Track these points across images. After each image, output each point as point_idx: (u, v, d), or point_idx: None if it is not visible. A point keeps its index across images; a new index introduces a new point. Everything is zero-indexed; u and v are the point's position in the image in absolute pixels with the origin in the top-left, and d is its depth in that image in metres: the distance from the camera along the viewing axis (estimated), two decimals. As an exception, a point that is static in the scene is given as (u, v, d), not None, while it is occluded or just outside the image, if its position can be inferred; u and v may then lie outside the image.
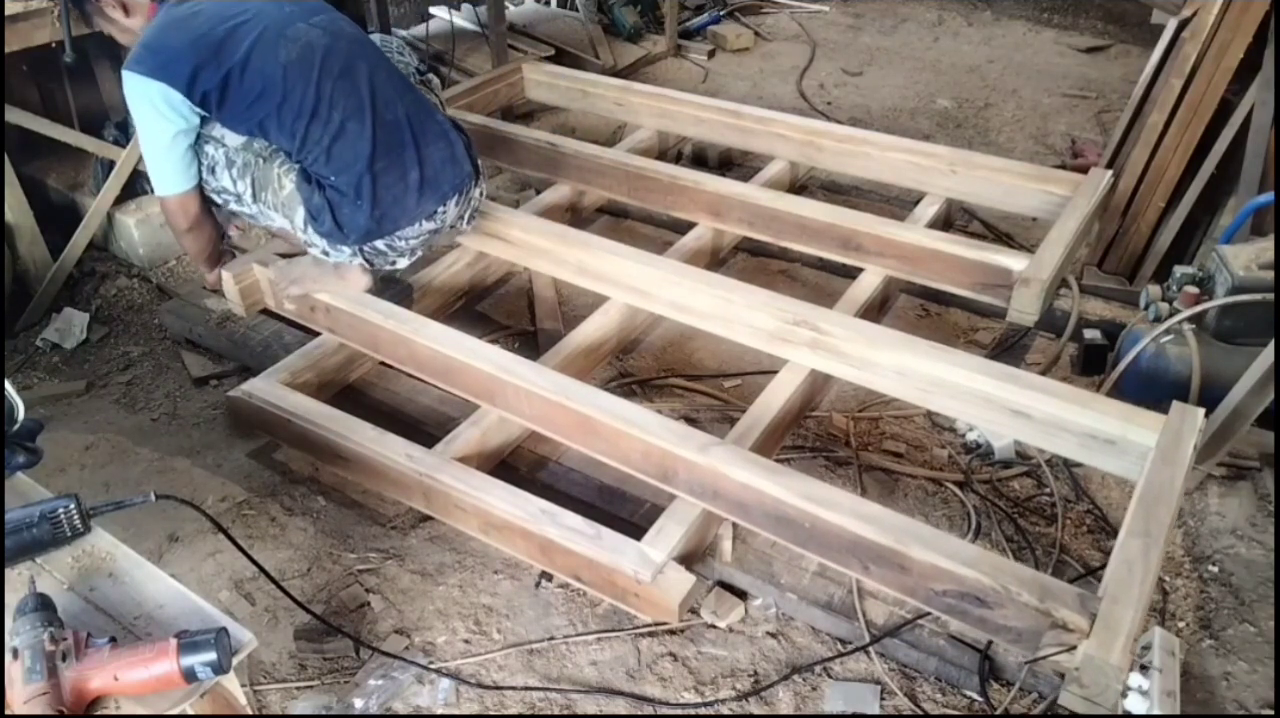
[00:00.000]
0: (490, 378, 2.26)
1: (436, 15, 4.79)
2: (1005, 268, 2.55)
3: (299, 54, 2.20)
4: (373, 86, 2.28)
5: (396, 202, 2.31)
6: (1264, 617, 2.02)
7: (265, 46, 2.18)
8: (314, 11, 2.32)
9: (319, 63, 2.22)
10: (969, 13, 5.77)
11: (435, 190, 2.37)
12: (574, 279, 2.70)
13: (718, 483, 1.97)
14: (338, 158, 2.24)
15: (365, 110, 2.25)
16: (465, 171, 2.44)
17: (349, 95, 2.24)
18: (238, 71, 2.16)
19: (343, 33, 2.31)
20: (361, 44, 2.35)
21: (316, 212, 2.29)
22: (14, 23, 2.70)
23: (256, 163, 2.29)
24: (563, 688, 1.91)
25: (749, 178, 3.25)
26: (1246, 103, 2.70)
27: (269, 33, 2.19)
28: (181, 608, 1.33)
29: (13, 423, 1.50)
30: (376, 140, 2.25)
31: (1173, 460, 1.86)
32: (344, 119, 2.23)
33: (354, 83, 2.25)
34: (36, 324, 3.01)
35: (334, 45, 2.26)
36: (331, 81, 2.22)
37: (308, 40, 2.23)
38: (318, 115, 2.21)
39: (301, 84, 2.19)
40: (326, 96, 2.21)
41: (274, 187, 2.30)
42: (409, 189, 2.32)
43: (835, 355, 2.30)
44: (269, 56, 2.18)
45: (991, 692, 1.85)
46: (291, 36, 2.22)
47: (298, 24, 2.24)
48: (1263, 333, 2.23)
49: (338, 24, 2.33)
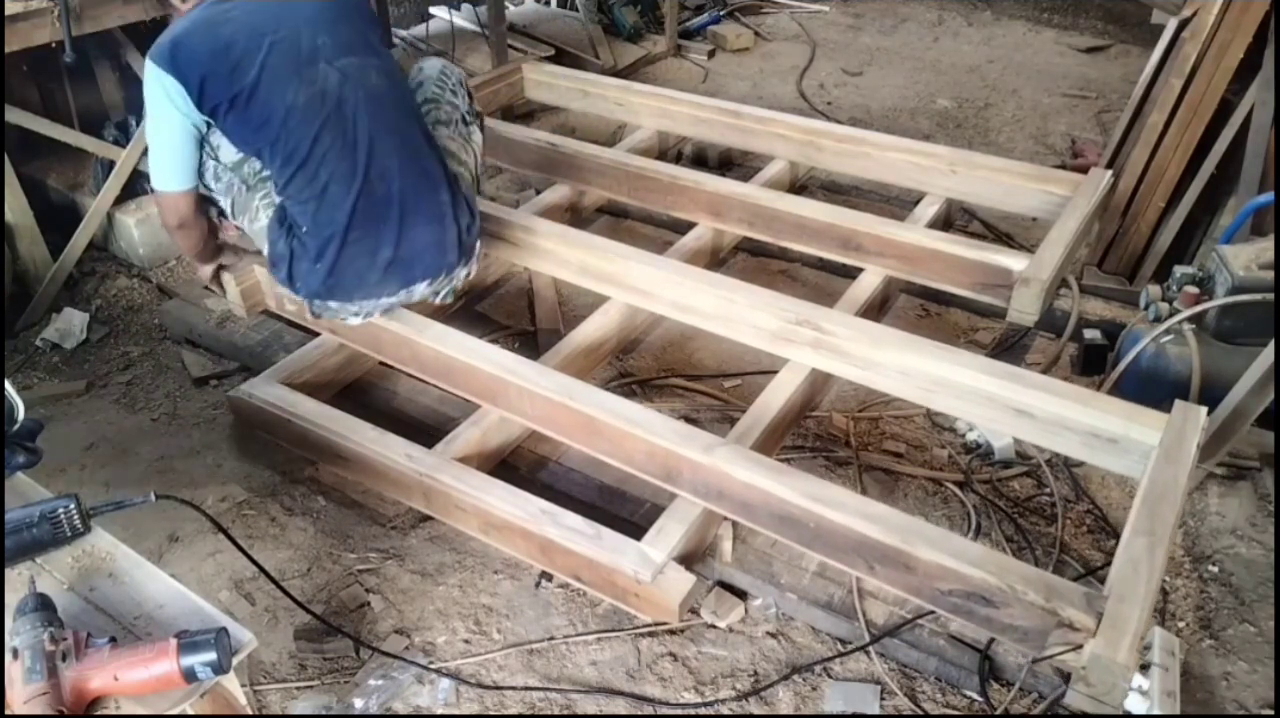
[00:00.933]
0: (492, 378, 2.25)
1: (436, 15, 4.79)
2: (1005, 268, 2.55)
3: (307, 99, 2.10)
4: (372, 154, 2.16)
5: (357, 275, 2.22)
6: (1264, 617, 2.02)
7: (279, 79, 2.08)
8: (348, 49, 2.17)
9: (324, 116, 2.11)
10: (969, 13, 5.77)
11: (404, 272, 2.26)
12: (576, 279, 2.70)
13: (722, 483, 1.97)
14: (312, 216, 2.16)
15: (355, 178, 2.14)
16: (447, 260, 2.31)
17: (342, 158, 2.13)
18: (245, 96, 2.08)
19: (366, 83, 2.17)
20: (381, 101, 2.20)
21: (277, 259, 2.24)
22: (14, 23, 2.70)
23: (240, 188, 2.25)
24: (563, 688, 1.91)
25: (749, 178, 3.25)
26: (1246, 103, 2.70)
27: (287, 65, 2.09)
28: (181, 608, 1.33)
29: (13, 423, 1.50)
30: (356, 210, 2.15)
31: (1176, 459, 1.86)
32: (329, 181, 2.13)
33: (353, 146, 2.14)
34: (36, 324, 3.00)
35: (348, 98, 2.13)
36: (330, 138, 2.12)
37: (323, 87, 2.11)
38: (305, 169, 2.12)
39: (299, 132, 2.10)
40: (320, 154, 2.11)
41: (250, 214, 2.27)
42: (374, 266, 2.21)
43: (838, 355, 2.30)
44: (278, 91, 2.08)
45: (991, 692, 1.85)
46: (308, 77, 2.10)
47: (321, 64, 2.12)
48: (1263, 333, 2.23)
49: (366, 71, 2.18)
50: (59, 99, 3.28)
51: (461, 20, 4.71)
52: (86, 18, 2.82)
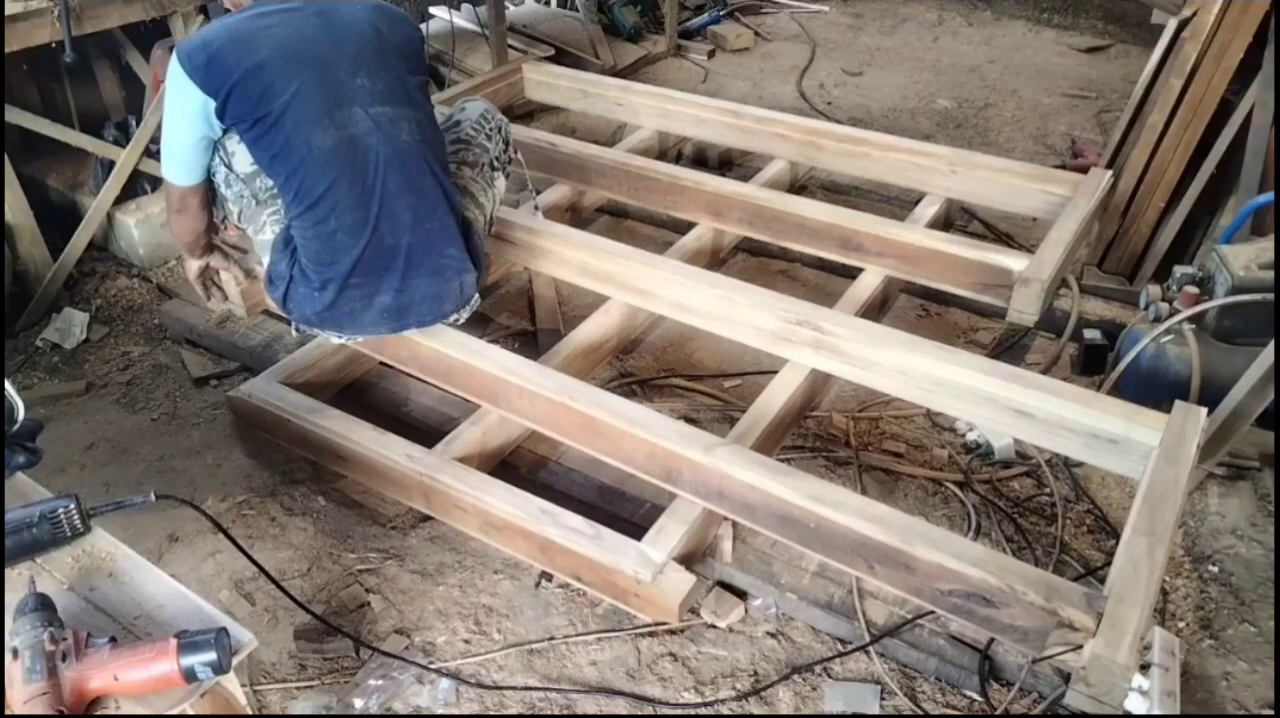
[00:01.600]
0: (493, 379, 2.25)
1: (436, 15, 4.79)
2: (1005, 268, 2.55)
3: (332, 144, 2.05)
4: (384, 207, 2.12)
5: (352, 314, 2.22)
6: (1264, 617, 2.02)
7: (307, 116, 2.03)
8: (385, 97, 2.11)
9: (343, 164, 2.07)
10: (969, 13, 5.77)
11: (399, 319, 2.26)
12: (576, 279, 2.70)
13: (723, 484, 1.97)
14: (316, 255, 2.15)
15: (364, 230, 2.12)
16: (443, 310, 2.30)
17: (354, 209, 2.10)
18: (269, 122, 2.03)
19: (396, 138, 2.12)
20: (406, 157, 2.14)
21: (276, 279, 2.23)
22: (14, 23, 2.70)
23: (250, 200, 2.21)
24: (563, 688, 1.91)
25: (749, 178, 3.25)
26: (1246, 103, 2.70)
27: (319, 102, 2.03)
28: (181, 608, 1.33)
29: (13, 423, 1.50)
30: (361, 259, 2.14)
31: (1176, 459, 1.86)
32: (337, 229, 2.11)
33: (368, 199, 2.10)
34: (36, 324, 3.01)
35: (373, 149, 2.09)
36: (345, 188, 2.08)
37: (352, 135, 2.06)
38: (315, 210, 2.09)
39: (316, 175, 2.06)
40: (332, 201, 2.08)
41: (256, 225, 2.25)
42: (370, 308, 2.21)
43: (838, 355, 2.30)
44: (304, 127, 2.03)
45: (991, 692, 1.85)
46: (339, 121, 2.05)
47: (355, 108, 2.06)
48: (1263, 333, 2.23)
49: (398, 124, 2.12)
50: (59, 99, 3.28)
51: (461, 20, 4.71)
52: (86, 18, 2.82)
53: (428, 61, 2.27)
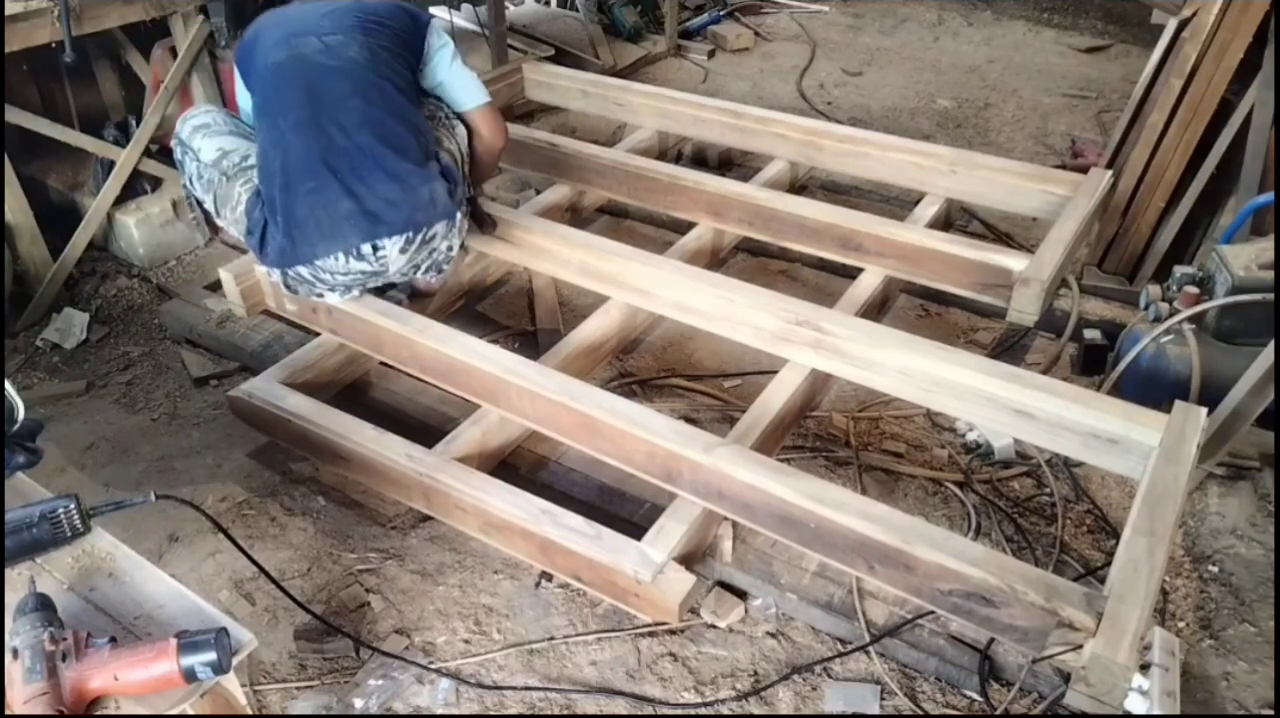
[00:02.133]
0: (493, 379, 2.25)
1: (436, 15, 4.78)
2: (1005, 268, 2.55)
3: (284, 59, 2.30)
4: (333, 110, 2.25)
5: (316, 226, 2.22)
6: (1264, 617, 2.02)
7: (271, 45, 2.33)
8: (337, 29, 2.33)
9: (294, 73, 2.29)
10: (969, 13, 5.77)
11: (368, 225, 2.22)
12: (576, 280, 2.70)
13: (722, 484, 1.97)
14: (268, 164, 2.27)
15: (311, 127, 2.23)
16: (414, 219, 2.27)
17: (302, 108, 2.25)
18: (250, 62, 2.37)
19: (344, 53, 2.30)
20: (354, 69, 2.29)
21: (253, 227, 2.30)
22: (14, 23, 2.70)
23: (221, 180, 2.37)
24: (563, 688, 1.91)
25: (749, 178, 3.25)
26: (1246, 103, 2.70)
27: (280, 36, 2.34)
28: (181, 608, 1.33)
29: (13, 423, 1.50)
30: (309, 158, 2.21)
31: (1176, 459, 1.86)
32: (287, 130, 2.25)
33: (315, 100, 2.26)
34: (36, 324, 3.01)
35: (320, 63, 2.29)
36: (294, 92, 2.27)
37: (301, 52, 2.30)
38: (268, 117, 2.29)
39: (271, 83, 2.31)
40: (281, 103, 2.28)
41: (232, 204, 2.36)
42: (334, 217, 2.21)
43: (838, 355, 2.30)
44: (268, 54, 2.32)
45: (991, 692, 1.85)
46: (293, 45, 2.31)
47: (310, 36, 2.31)
48: (1263, 333, 2.23)
49: (347, 45, 2.31)
50: (59, 99, 3.28)
51: (461, 20, 4.71)
52: (86, 18, 2.82)
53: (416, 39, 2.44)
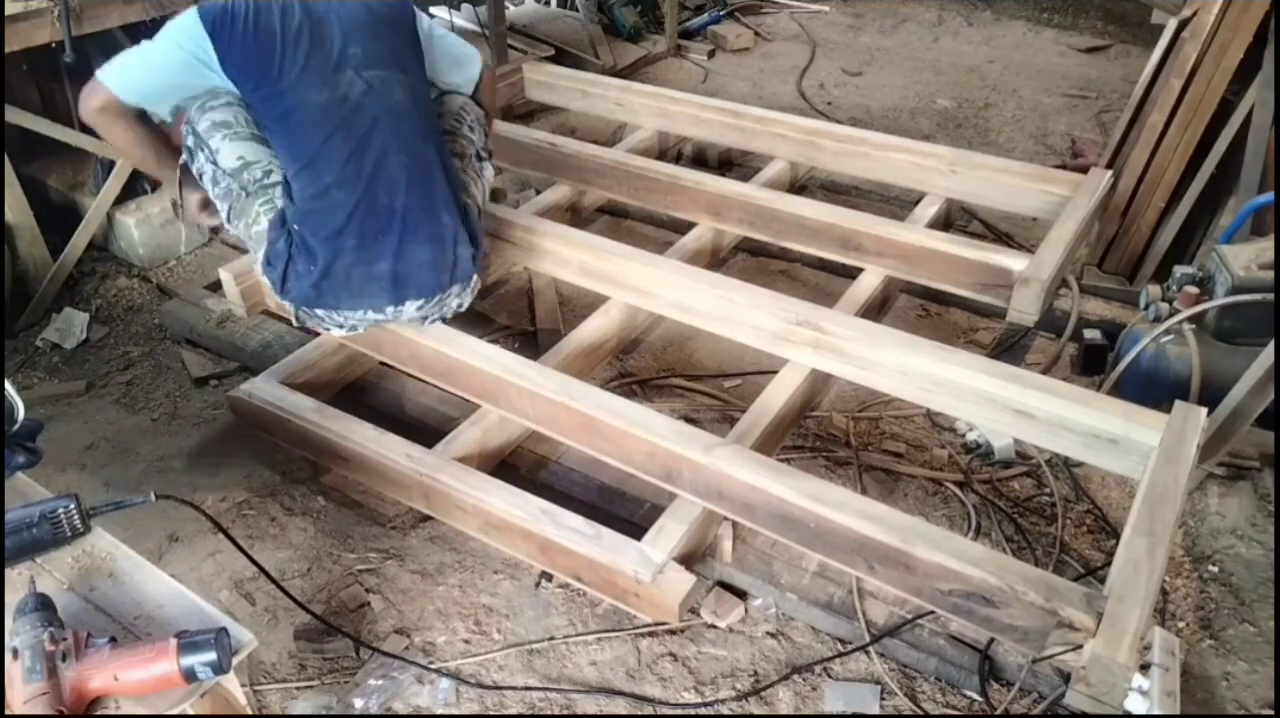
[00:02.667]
0: (493, 379, 2.25)
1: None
2: (1005, 268, 2.55)
3: (326, 101, 2.10)
4: (380, 165, 2.15)
5: (349, 283, 2.20)
6: (1264, 617, 2.02)
7: (306, 83, 2.09)
8: (377, 62, 2.16)
9: (339, 119, 2.11)
10: (969, 13, 5.77)
11: (397, 289, 2.23)
12: (576, 280, 2.70)
13: (722, 484, 1.97)
14: (312, 216, 2.15)
15: (359, 184, 2.14)
16: (440, 281, 2.27)
17: (348, 163, 2.13)
18: (275, 91, 2.09)
19: (389, 97, 2.16)
20: (400, 117, 2.18)
21: (275, 258, 2.22)
22: (14, 23, 2.70)
23: (240, 194, 2.21)
24: (563, 688, 1.91)
25: (749, 178, 3.25)
26: (1246, 103, 2.70)
27: (316, 70, 2.09)
28: (181, 608, 1.33)
29: (13, 423, 1.50)
30: (355, 216, 2.14)
31: (1176, 459, 1.86)
32: (332, 184, 2.13)
33: (362, 153, 2.13)
34: (36, 324, 3.01)
35: (367, 108, 2.13)
36: (341, 141, 2.11)
37: (345, 93, 2.11)
38: (311, 167, 2.12)
39: (312, 131, 2.11)
40: (328, 155, 2.11)
41: (248, 220, 2.24)
42: (370, 276, 2.20)
43: (838, 355, 2.30)
44: (303, 92, 2.09)
45: (991, 692, 1.85)
46: (332, 83, 2.11)
47: (348, 71, 2.12)
48: (1263, 333, 2.23)
49: (390, 85, 2.17)
50: (59, 99, 3.27)
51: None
52: (86, 18, 2.82)
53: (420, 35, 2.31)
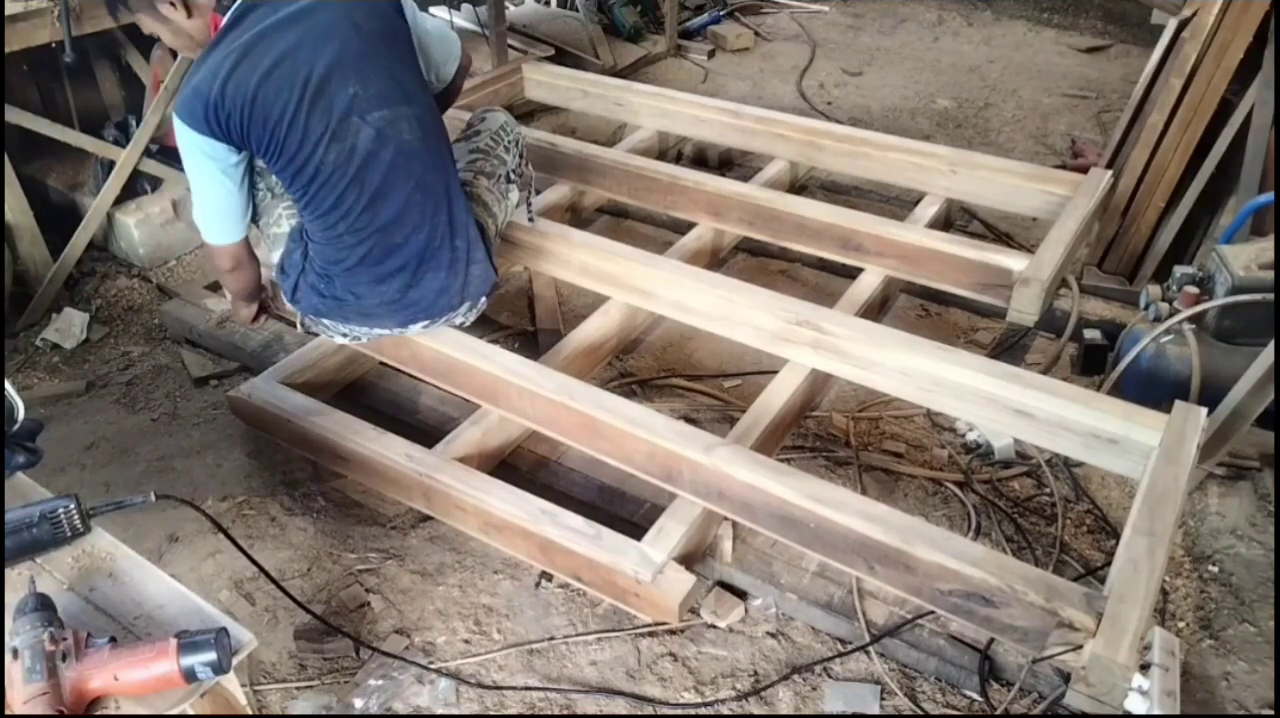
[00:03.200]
0: (493, 379, 2.25)
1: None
2: (1005, 268, 2.55)
3: (335, 159, 2.03)
4: (400, 211, 2.12)
5: (357, 309, 2.24)
6: (1264, 617, 2.02)
7: (308, 138, 2.00)
8: (380, 100, 2.05)
9: (353, 173, 2.05)
10: (969, 13, 5.77)
11: (405, 313, 2.27)
12: (576, 280, 2.70)
13: (722, 484, 1.97)
14: (325, 254, 2.17)
15: (372, 232, 2.13)
16: (451, 304, 2.30)
17: (365, 213, 2.10)
18: (280, 150, 2.01)
19: (398, 139, 2.08)
20: (411, 157, 2.12)
21: (289, 268, 2.25)
22: (14, 23, 2.71)
23: (266, 194, 2.20)
24: (563, 688, 1.91)
25: (749, 178, 3.25)
26: (1246, 103, 2.70)
27: (318, 124, 1.99)
28: (181, 608, 1.33)
29: (13, 423, 1.50)
30: (366, 259, 2.16)
31: (1176, 459, 1.86)
32: (346, 232, 2.12)
33: (378, 203, 2.10)
34: (36, 324, 3.01)
35: (379, 155, 2.06)
36: (354, 197, 2.07)
37: (353, 144, 2.03)
38: (325, 219, 2.11)
39: (326, 189, 2.06)
40: (343, 210, 2.09)
41: (270, 218, 2.24)
42: (381, 304, 2.23)
43: (838, 355, 2.30)
44: (309, 149, 2.01)
45: (991, 692, 1.85)
46: (339, 135, 2.02)
47: (354, 118, 2.02)
48: (1263, 333, 2.23)
49: (398, 124, 2.08)
50: (59, 99, 3.28)
51: (461, 20, 4.71)
52: (86, 18, 2.82)
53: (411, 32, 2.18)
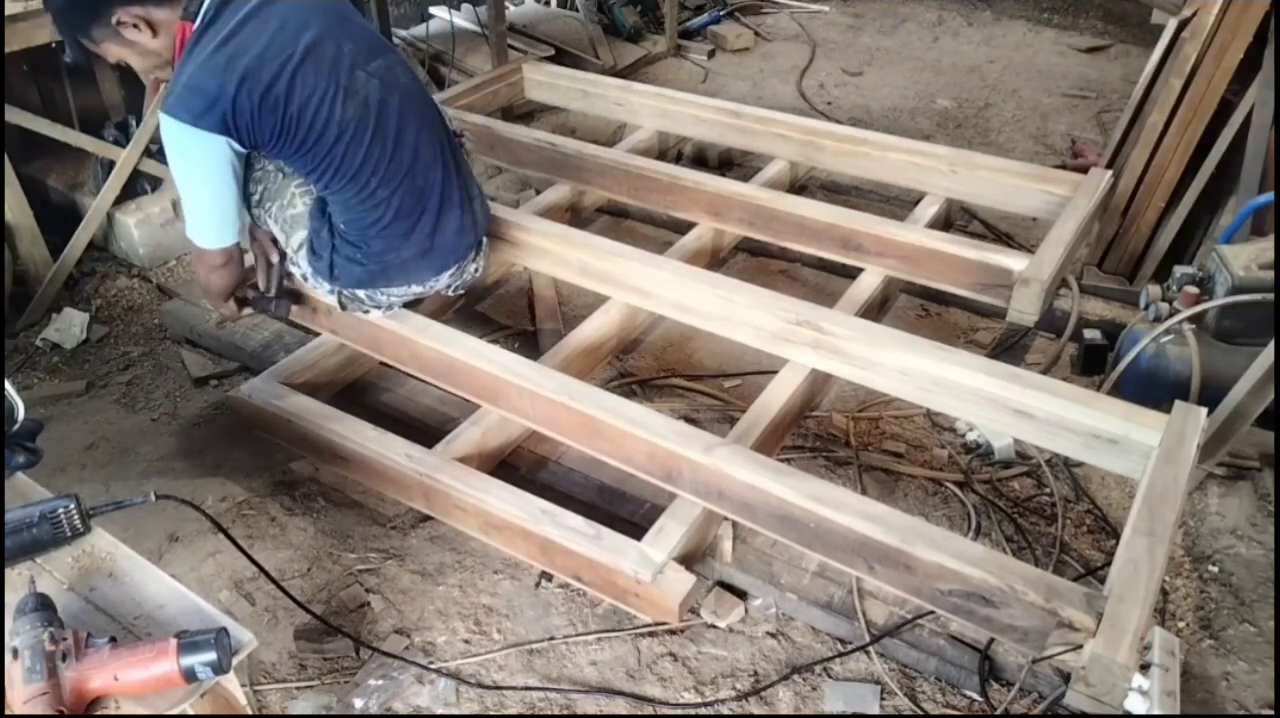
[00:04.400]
0: (493, 379, 2.25)
1: (436, 15, 4.79)
2: (1005, 268, 2.55)
3: (355, 112, 2.04)
4: (416, 151, 2.19)
5: (399, 264, 2.27)
6: (1264, 617, 2.02)
7: (324, 102, 2.00)
8: (372, 53, 2.12)
9: (374, 123, 2.08)
10: (969, 13, 5.77)
11: (439, 258, 2.32)
12: (576, 280, 2.70)
13: (723, 484, 1.97)
14: (359, 217, 2.17)
15: (401, 177, 2.16)
16: (469, 243, 2.38)
17: (392, 162, 2.14)
18: (293, 124, 1.98)
19: (398, 84, 2.16)
20: (414, 98, 2.21)
21: (320, 247, 2.22)
22: (14, 23, 2.70)
23: (276, 176, 2.19)
24: (563, 688, 1.91)
25: (749, 178, 3.25)
26: (1246, 103, 2.70)
27: (329, 86, 2.00)
28: (181, 608, 1.33)
29: (13, 423, 1.50)
30: (400, 208, 2.18)
31: (1176, 460, 1.85)
32: (378, 186, 2.13)
33: (400, 147, 2.15)
34: (36, 324, 3.00)
35: (389, 102, 2.12)
36: (381, 146, 2.10)
37: (366, 95, 2.07)
38: (357, 180, 2.11)
39: (353, 149, 2.06)
40: (372, 161, 2.10)
41: (283, 201, 2.21)
42: (415, 255, 2.27)
43: (838, 356, 2.30)
44: (324, 111, 2.00)
45: (991, 692, 1.85)
46: (350, 89, 2.03)
47: (358, 72, 2.06)
48: (1263, 333, 2.23)
49: (394, 71, 2.17)
50: (59, 99, 3.28)
51: (461, 20, 4.71)
52: (86, 18, 2.81)
53: None
